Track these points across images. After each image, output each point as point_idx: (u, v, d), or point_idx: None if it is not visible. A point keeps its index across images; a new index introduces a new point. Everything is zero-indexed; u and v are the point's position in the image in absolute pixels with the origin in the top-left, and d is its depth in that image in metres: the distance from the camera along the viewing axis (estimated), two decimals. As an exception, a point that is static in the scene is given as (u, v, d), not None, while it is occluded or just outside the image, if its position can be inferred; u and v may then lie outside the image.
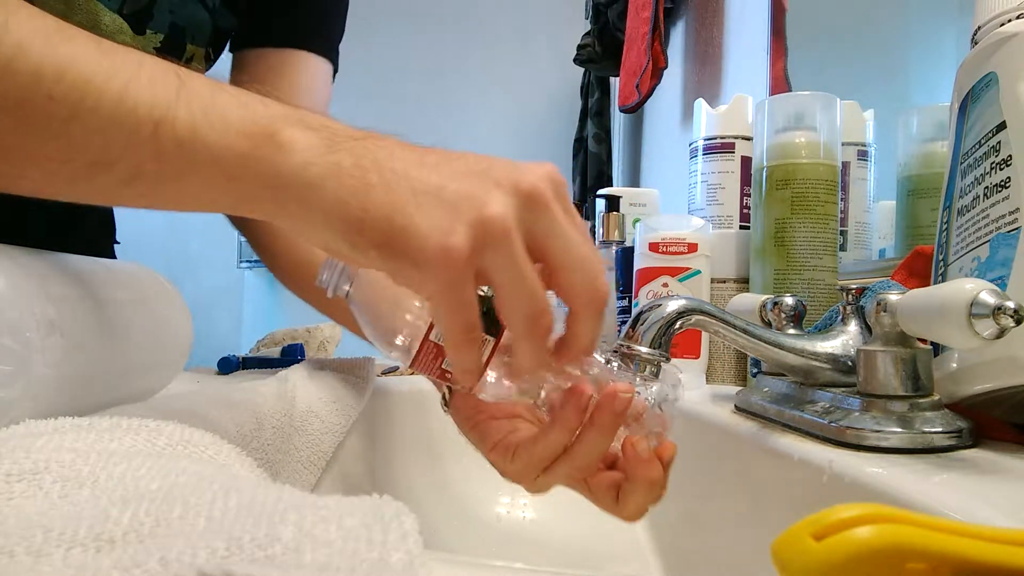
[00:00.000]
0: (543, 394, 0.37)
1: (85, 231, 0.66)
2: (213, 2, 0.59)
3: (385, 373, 0.74)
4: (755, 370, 0.53)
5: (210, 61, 0.62)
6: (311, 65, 0.66)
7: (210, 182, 0.32)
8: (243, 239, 0.67)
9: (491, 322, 0.34)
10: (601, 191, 1.02)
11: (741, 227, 0.78)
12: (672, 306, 0.42)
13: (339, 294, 0.36)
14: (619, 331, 0.85)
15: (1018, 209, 0.34)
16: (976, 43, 0.39)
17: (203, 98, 0.32)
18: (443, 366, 0.35)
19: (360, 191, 0.30)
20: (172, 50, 0.57)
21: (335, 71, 0.70)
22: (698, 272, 0.71)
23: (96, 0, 0.51)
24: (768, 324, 0.49)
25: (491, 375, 0.36)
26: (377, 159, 0.31)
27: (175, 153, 0.31)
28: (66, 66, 0.30)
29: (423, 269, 0.29)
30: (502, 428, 0.40)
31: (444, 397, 0.43)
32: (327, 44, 0.67)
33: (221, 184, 0.32)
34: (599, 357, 0.38)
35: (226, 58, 0.65)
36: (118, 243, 0.71)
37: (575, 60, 1.87)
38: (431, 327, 0.35)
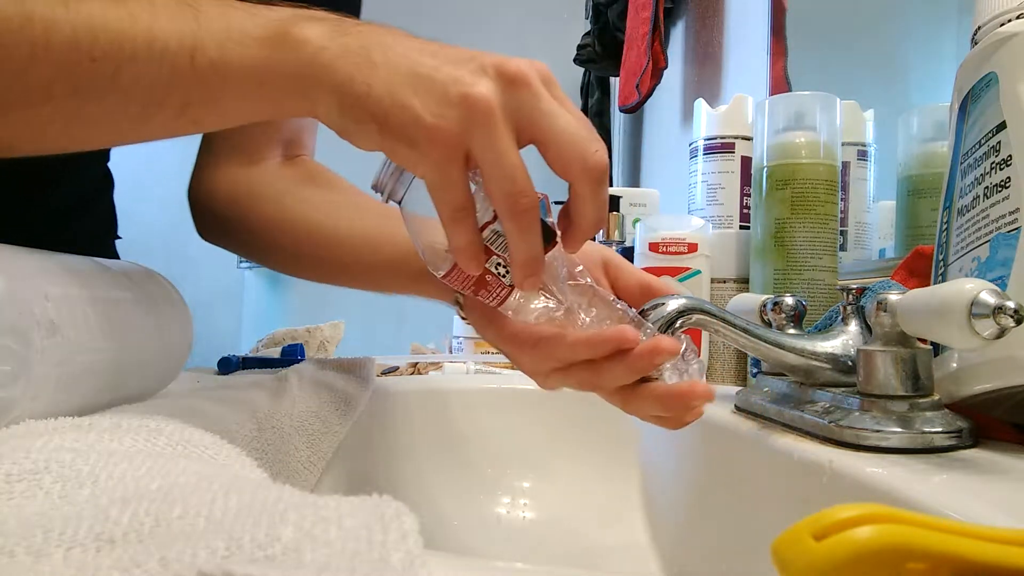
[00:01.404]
0: (581, 317, 0.38)
1: (88, 224, 0.66)
2: None
3: (385, 373, 0.74)
4: (755, 370, 0.53)
5: None
6: None
7: (248, 93, 0.34)
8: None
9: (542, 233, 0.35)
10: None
11: (741, 227, 0.78)
12: (672, 305, 0.42)
13: (393, 199, 0.37)
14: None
15: (1018, 209, 0.34)
16: (976, 43, 0.39)
17: (219, 19, 0.34)
18: (487, 278, 0.37)
19: (365, 68, 0.33)
20: None
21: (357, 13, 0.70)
22: (698, 272, 0.71)
23: None
24: (768, 324, 0.49)
25: (517, 293, 0.38)
26: (382, 42, 0.34)
27: (212, 74, 0.34)
28: (95, 25, 0.32)
29: (416, 147, 0.32)
30: (515, 323, 0.41)
31: (458, 301, 0.44)
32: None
33: (257, 91, 0.34)
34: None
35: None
36: (120, 238, 0.71)
37: (575, 60, 1.87)
38: (481, 230, 0.36)
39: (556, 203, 0.38)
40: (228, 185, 0.61)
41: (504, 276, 0.37)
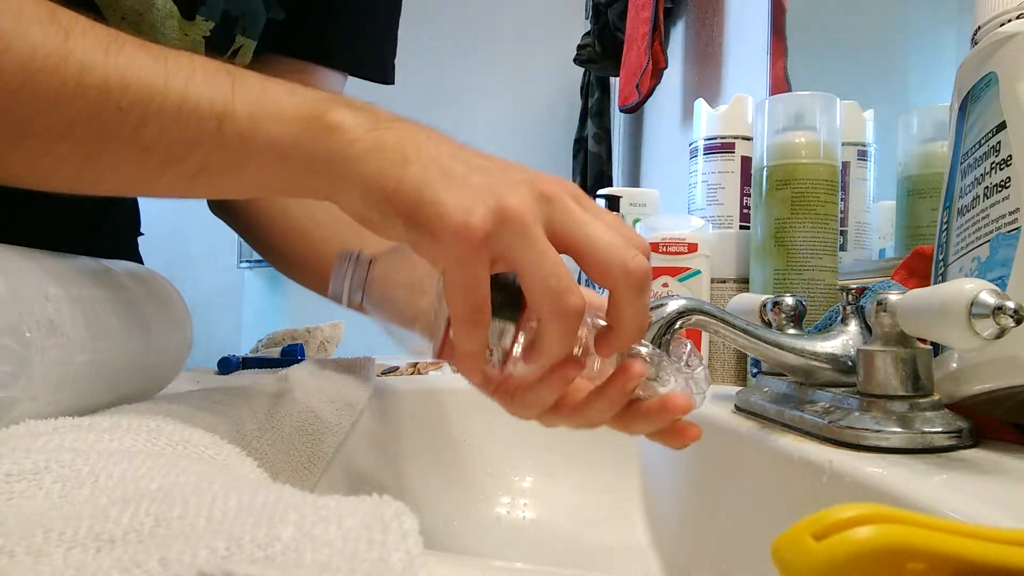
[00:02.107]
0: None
1: (116, 221, 0.66)
2: None
3: (385, 373, 0.74)
4: (755, 370, 0.53)
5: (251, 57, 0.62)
6: (329, 78, 0.66)
7: (268, 167, 0.34)
8: (243, 240, 0.67)
9: (513, 307, 0.35)
10: (601, 191, 1.02)
11: (741, 227, 0.78)
12: (672, 306, 0.42)
13: (353, 303, 0.37)
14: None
15: (1018, 209, 0.34)
16: (976, 43, 0.39)
17: (255, 90, 0.34)
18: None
19: (398, 164, 0.32)
20: (221, 41, 0.56)
21: (390, 82, 0.71)
22: (698, 272, 0.71)
23: None
24: (768, 324, 0.49)
25: (519, 362, 0.37)
26: (416, 140, 0.33)
27: (237, 143, 0.33)
28: (129, 76, 0.32)
29: (441, 241, 0.31)
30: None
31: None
32: (354, 62, 0.67)
33: (278, 168, 0.34)
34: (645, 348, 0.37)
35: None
36: (142, 234, 0.71)
37: (575, 60, 1.87)
38: (449, 325, 0.35)
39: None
40: None
41: (489, 358, 0.36)
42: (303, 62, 0.64)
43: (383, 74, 0.70)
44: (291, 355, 0.82)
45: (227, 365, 0.75)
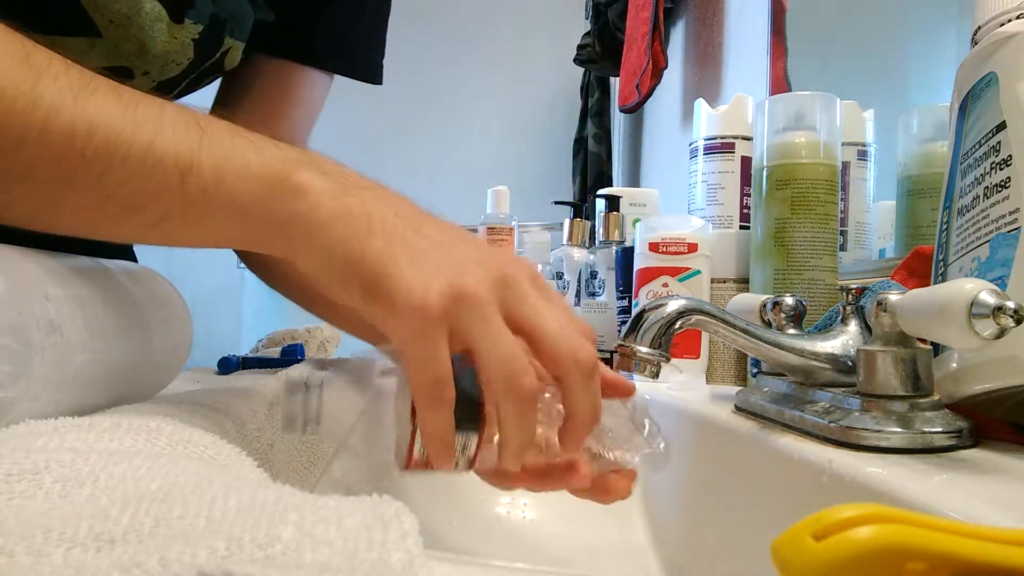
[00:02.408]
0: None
1: None
2: None
3: (385, 373, 0.74)
4: (755, 370, 0.53)
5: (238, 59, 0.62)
6: (313, 79, 0.66)
7: (229, 222, 0.34)
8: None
9: (472, 419, 0.35)
10: (601, 191, 1.02)
11: (741, 227, 0.78)
12: (672, 306, 0.42)
13: (310, 429, 0.38)
14: (619, 331, 0.85)
15: (1018, 209, 0.34)
16: (976, 43, 0.39)
17: (223, 145, 0.34)
18: (434, 469, 0.36)
19: (362, 235, 0.32)
20: (210, 43, 0.56)
21: (378, 82, 0.71)
22: (698, 272, 0.71)
23: None
24: (768, 324, 0.49)
25: (486, 459, 0.36)
26: (382, 210, 0.33)
27: (200, 198, 0.33)
28: (96, 123, 0.32)
29: (399, 316, 0.31)
30: None
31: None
32: (342, 61, 0.67)
33: (239, 224, 0.34)
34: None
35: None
36: None
37: (575, 60, 1.87)
38: (411, 448, 0.35)
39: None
40: None
41: (456, 467, 0.36)
42: (290, 62, 0.64)
43: (372, 74, 0.70)
44: (291, 355, 0.82)
45: (227, 365, 0.75)
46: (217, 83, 0.66)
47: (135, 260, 0.66)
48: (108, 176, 0.32)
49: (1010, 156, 0.35)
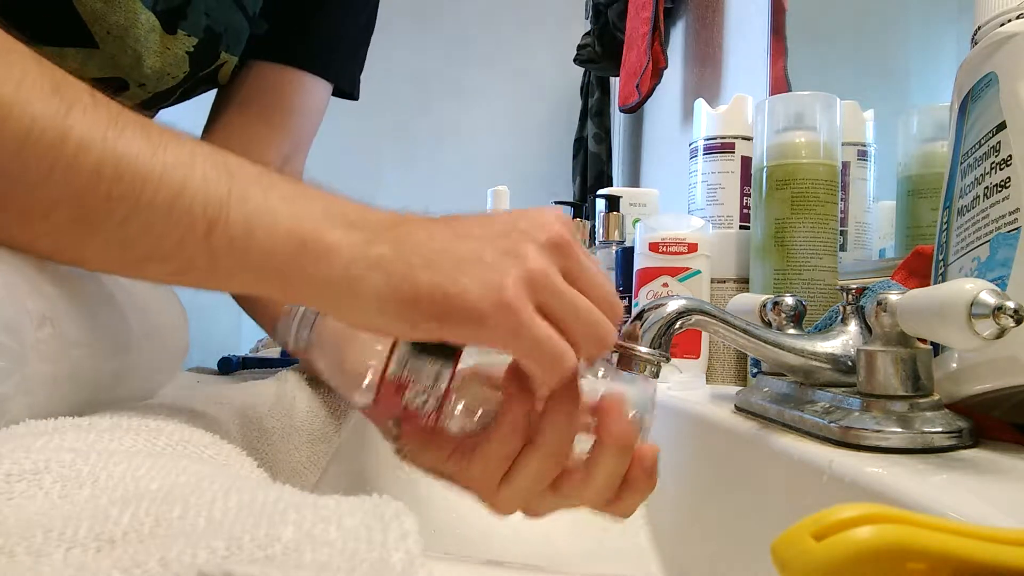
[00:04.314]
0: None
1: None
2: (253, 9, 0.59)
3: (385, 373, 0.74)
4: (755, 370, 0.53)
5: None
6: (309, 85, 0.66)
7: (260, 277, 0.33)
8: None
9: (448, 351, 0.35)
10: (601, 191, 1.02)
11: (741, 227, 0.78)
12: (672, 306, 0.42)
13: (299, 346, 0.36)
14: (619, 331, 0.85)
15: (1018, 209, 0.34)
16: (976, 43, 0.39)
17: (254, 196, 0.32)
18: (404, 401, 0.35)
19: (407, 274, 0.32)
20: (205, 57, 0.56)
21: (355, 98, 0.71)
22: (698, 272, 0.71)
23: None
24: (768, 324, 0.49)
25: (459, 406, 0.37)
26: (416, 242, 0.33)
27: (227, 251, 0.32)
28: (124, 164, 0.30)
29: (487, 326, 0.31)
30: (455, 438, 0.39)
31: (393, 434, 0.41)
32: (331, 68, 0.67)
33: (272, 280, 0.33)
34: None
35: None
36: None
37: (575, 60, 1.87)
38: (388, 363, 0.35)
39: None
40: None
41: (425, 404, 0.36)
42: (281, 67, 0.64)
43: (352, 87, 0.71)
44: (291, 355, 0.82)
45: (227, 365, 0.75)
46: (212, 92, 0.66)
47: None
48: (132, 221, 0.31)
49: (1010, 156, 0.35)
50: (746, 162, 0.78)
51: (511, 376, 0.36)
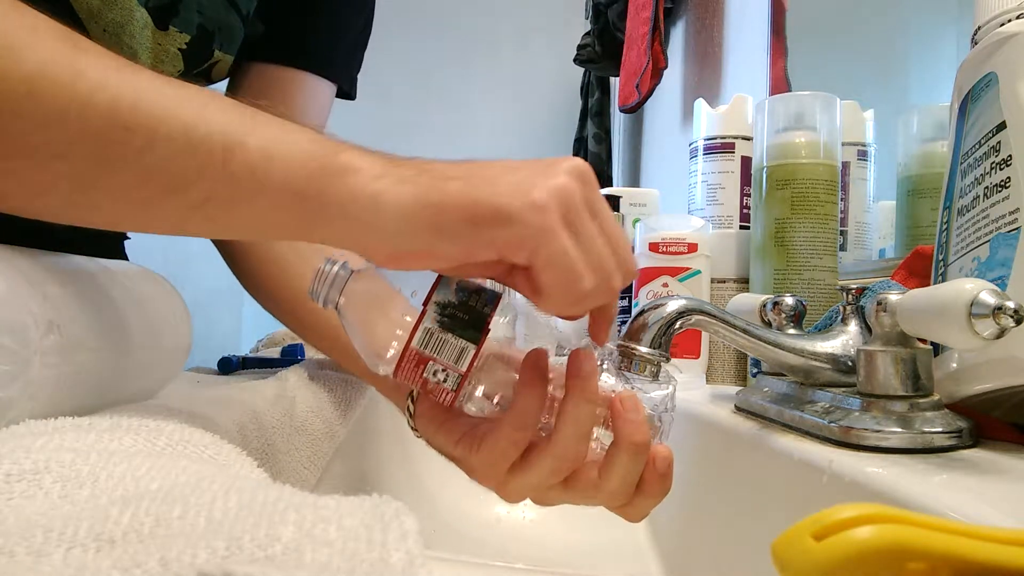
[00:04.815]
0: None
1: (96, 230, 0.66)
2: (247, 8, 0.59)
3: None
4: (755, 370, 0.53)
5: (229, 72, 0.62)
6: (312, 86, 0.66)
7: (280, 203, 0.32)
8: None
9: (475, 329, 0.35)
10: (601, 191, 1.02)
11: (741, 227, 0.78)
12: (672, 306, 0.42)
13: (329, 305, 0.36)
14: (619, 331, 0.85)
15: (1018, 209, 0.34)
16: (976, 43, 0.39)
17: (272, 126, 0.33)
18: (424, 375, 0.35)
19: (435, 185, 0.31)
20: (198, 54, 0.56)
21: (352, 97, 0.70)
22: (698, 272, 0.71)
23: None
24: (768, 324, 0.49)
25: (479, 389, 0.36)
26: (434, 166, 0.33)
27: (247, 177, 0.32)
28: (140, 96, 0.31)
29: (517, 223, 0.30)
30: (470, 422, 0.39)
31: (409, 410, 0.41)
32: (332, 67, 0.67)
33: (291, 205, 0.32)
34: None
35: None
36: (128, 238, 0.71)
37: (575, 60, 1.87)
38: (413, 334, 0.35)
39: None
40: None
41: (444, 381, 0.35)
42: (281, 67, 0.64)
43: (350, 86, 0.70)
44: (291, 355, 0.82)
45: (227, 365, 0.75)
46: None
47: (126, 259, 0.66)
48: (150, 152, 0.31)
49: (1010, 156, 0.35)
50: (746, 162, 0.78)
51: (529, 363, 0.35)
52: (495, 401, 0.37)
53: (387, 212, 0.31)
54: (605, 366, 0.39)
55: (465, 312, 0.34)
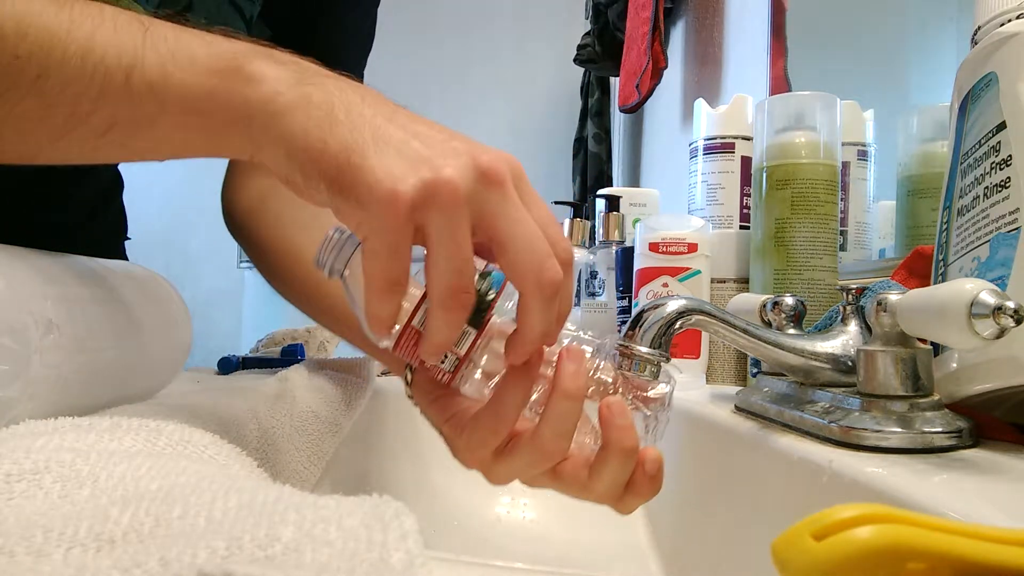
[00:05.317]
0: (534, 395, 0.36)
1: (101, 226, 0.66)
2: (251, 12, 0.59)
3: (384, 373, 0.74)
4: (755, 370, 0.53)
5: None
6: None
7: (182, 121, 0.32)
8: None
9: (478, 313, 0.34)
10: (601, 191, 1.02)
11: (741, 227, 0.78)
12: (672, 306, 0.42)
13: (335, 276, 0.36)
14: (619, 331, 0.85)
15: (1018, 209, 0.34)
16: (976, 43, 0.39)
17: (169, 40, 0.32)
18: (421, 355, 0.35)
19: (325, 124, 0.30)
20: None
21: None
22: (698, 272, 0.71)
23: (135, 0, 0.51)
24: (768, 324, 0.49)
25: (476, 372, 0.36)
26: (347, 99, 0.31)
27: (147, 97, 0.31)
28: (27, 22, 0.30)
29: (366, 208, 0.29)
30: (462, 403, 0.38)
31: (407, 379, 0.41)
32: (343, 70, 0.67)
33: (193, 122, 0.32)
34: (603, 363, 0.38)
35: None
36: (128, 239, 0.71)
37: (575, 60, 1.87)
38: (415, 313, 0.34)
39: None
40: (248, 193, 0.61)
41: (442, 363, 0.35)
42: None
43: None
44: (291, 355, 0.82)
45: (227, 365, 0.75)
46: None
47: (126, 260, 0.66)
48: (46, 79, 0.30)
49: (1010, 156, 0.35)
50: (746, 162, 0.78)
51: (511, 347, 0.34)
52: (491, 384, 0.36)
53: (275, 138, 0.31)
54: (602, 365, 0.39)
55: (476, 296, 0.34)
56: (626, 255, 0.82)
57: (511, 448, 0.36)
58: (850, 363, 0.43)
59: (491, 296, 0.35)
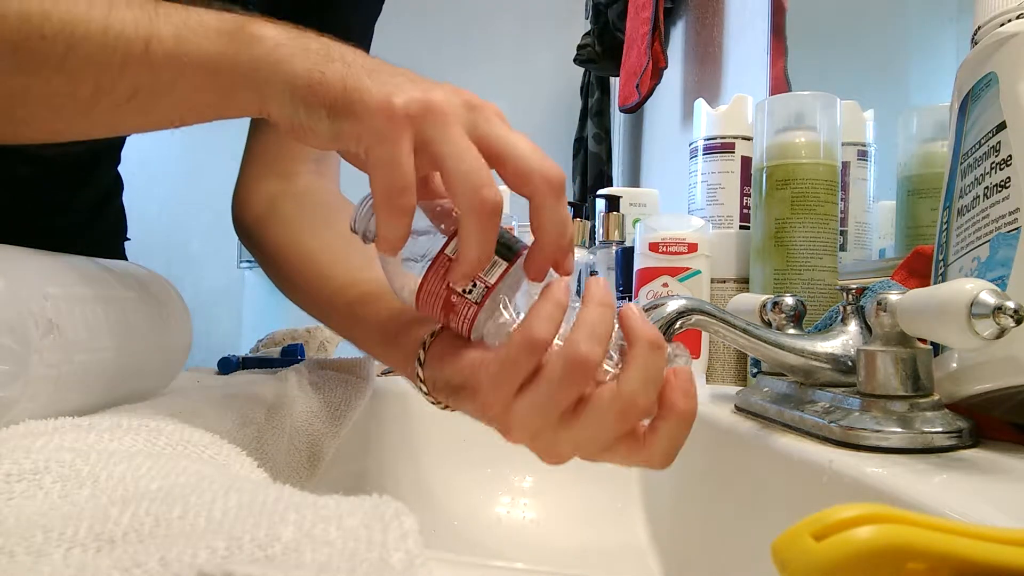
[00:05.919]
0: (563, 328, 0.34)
1: (102, 227, 0.66)
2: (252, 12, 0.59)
3: (385, 373, 0.74)
4: (755, 370, 0.53)
5: None
6: None
7: (197, 83, 0.35)
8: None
9: (509, 249, 0.35)
10: (601, 191, 1.02)
11: (741, 227, 0.78)
12: (672, 306, 0.42)
13: (368, 239, 0.37)
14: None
15: (1018, 209, 0.34)
16: (976, 43, 0.39)
17: (180, 11, 0.35)
18: (453, 299, 0.35)
19: (321, 63, 0.33)
20: None
21: None
22: (698, 272, 0.71)
23: None
24: (768, 324, 0.49)
25: (502, 314, 0.35)
26: (343, 51, 0.34)
27: (165, 63, 0.34)
28: (48, 4, 0.33)
29: (363, 120, 0.32)
30: (483, 357, 0.36)
31: (419, 374, 0.38)
32: None
33: (207, 83, 0.35)
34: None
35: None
36: (128, 239, 0.71)
37: (575, 60, 1.87)
38: (448, 243, 0.35)
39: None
40: (258, 199, 0.61)
41: (469, 292, 0.34)
42: None
43: None
44: (291, 355, 0.82)
45: (227, 365, 0.75)
46: None
47: (126, 260, 0.66)
48: (72, 55, 0.33)
49: (1010, 156, 0.35)
50: (746, 162, 0.78)
51: (547, 288, 0.33)
52: (512, 329, 0.34)
53: (279, 82, 0.34)
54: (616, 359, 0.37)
55: (501, 236, 0.35)
56: (626, 255, 0.82)
57: (533, 381, 0.33)
58: (850, 363, 0.43)
59: (519, 245, 0.35)
